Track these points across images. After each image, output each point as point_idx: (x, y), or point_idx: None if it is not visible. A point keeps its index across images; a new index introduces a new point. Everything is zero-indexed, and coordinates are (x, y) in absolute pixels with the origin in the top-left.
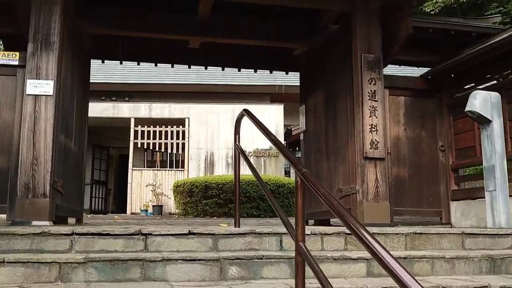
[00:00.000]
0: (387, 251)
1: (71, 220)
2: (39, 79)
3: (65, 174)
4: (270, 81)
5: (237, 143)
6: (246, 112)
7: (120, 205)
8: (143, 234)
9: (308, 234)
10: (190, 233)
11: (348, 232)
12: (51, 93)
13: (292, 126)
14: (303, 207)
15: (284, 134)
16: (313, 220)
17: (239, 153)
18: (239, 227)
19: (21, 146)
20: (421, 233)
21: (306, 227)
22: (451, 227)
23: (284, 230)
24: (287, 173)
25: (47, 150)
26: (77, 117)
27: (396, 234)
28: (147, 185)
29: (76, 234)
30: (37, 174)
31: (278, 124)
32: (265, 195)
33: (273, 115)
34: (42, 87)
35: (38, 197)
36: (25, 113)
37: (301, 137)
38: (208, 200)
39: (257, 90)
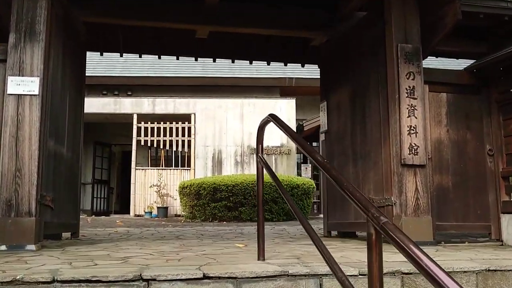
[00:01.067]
0: None
1: (66, 235)
2: (22, 75)
3: (56, 185)
4: (280, 74)
5: (259, 154)
6: (273, 117)
7: (123, 205)
8: (144, 280)
9: (355, 275)
10: (205, 276)
11: (406, 271)
12: (36, 92)
13: (304, 121)
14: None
15: (296, 129)
16: (336, 232)
17: (262, 166)
18: (263, 258)
19: (1, 156)
20: (495, 270)
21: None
22: (503, 244)
23: (324, 269)
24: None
25: (32, 160)
26: (70, 117)
27: (465, 272)
28: (151, 186)
29: (58, 281)
30: (21, 189)
31: (290, 119)
32: (278, 198)
33: (284, 110)
34: (26, 85)
35: (22, 215)
36: (6, 116)
37: (322, 137)
38: (217, 203)
39: (266, 83)
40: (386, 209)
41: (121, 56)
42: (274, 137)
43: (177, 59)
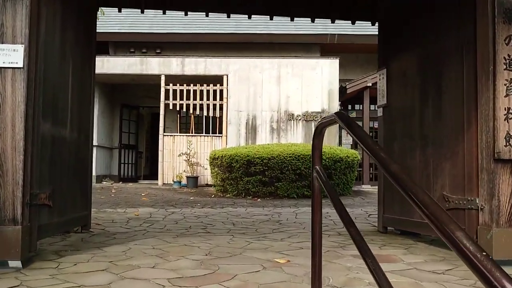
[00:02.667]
0: None
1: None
2: (1, 43)
3: (55, 177)
4: (320, 30)
5: (317, 166)
6: (340, 117)
7: (153, 169)
8: None
9: None
10: None
11: None
12: (20, 65)
13: (347, 83)
14: None
15: (339, 92)
16: (392, 228)
17: (319, 184)
18: None
19: None
20: None
21: None
22: None
23: None
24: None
25: (16, 153)
26: (75, 92)
27: None
28: (180, 155)
29: None
30: (3, 190)
31: (333, 81)
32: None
33: (326, 71)
34: (6, 55)
35: (5, 223)
36: None
37: (379, 113)
38: (250, 177)
39: (306, 40)
40: (468, 214)
41: (142, 12)
42: (314, 101)
43: (207, 15)
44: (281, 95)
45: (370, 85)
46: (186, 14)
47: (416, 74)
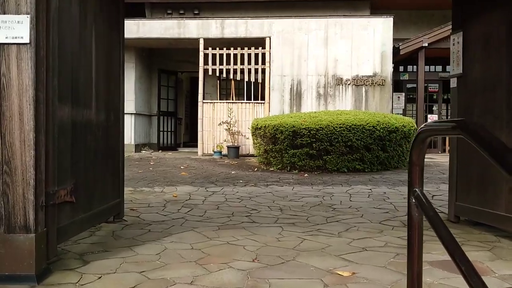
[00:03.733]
0: None
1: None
2: (3, 13)
3: (79, 166)
4: None
5: (416, 188)
6: (464, 127)
7: (193, 136)
8: None
9: None
10: None
11: None
12: (26, 40)
13: (399, 43)
14: None
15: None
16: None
17: (419, 213)
18: None
19: None
20: None
21: None
22: None
23: None
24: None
25: (26, 147)
26: (101, 63)
27: None
28: (220, 124)
29: None
30: (12, 191)
31: (386, 42)
32: (371, 144)
33: (378, 31)
34: (8, 28)
35: (16, 231)
36: None
37: (452, 83)
38: (296, 150)
39: None
40: None
41: None
42: (365, 64)
43: None
44: (329, 58)
45: (426, 45)
46: None
47: (504, 40)
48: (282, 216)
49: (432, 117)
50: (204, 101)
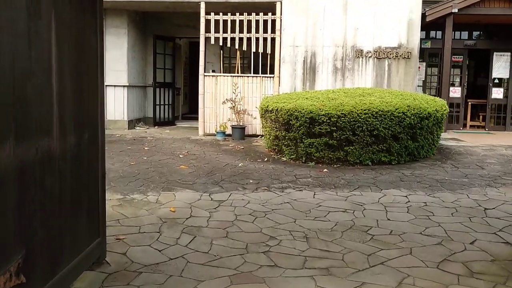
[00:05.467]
0: None
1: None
2: None
3: (35, 222)
4: None
5: None
6: None
7: (192, 106)
8: None
9: None
10: None
11: None
12: None
13: (425, 8)
14: None
15: None
16: None
17: None
18: None
19: None
20: None
21: None
22: None
23: None
24: (434, 92)
25: None
26: (66, 63)
27: None
28: (224, 102)
29: None
30: None
31: (413, 9)
32: (399, 133)
33: None
34: None
35: None
36: None
37: None
38: (314, 139)
39: None
40: None
41: None
42: (389, 33)
43: None
44: (348, 27)
45: (456, 11)
46: None
47: None
48: (310, 252)
49: (455, 90)
50: (205, 74)
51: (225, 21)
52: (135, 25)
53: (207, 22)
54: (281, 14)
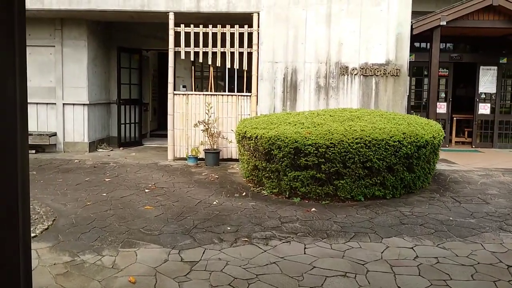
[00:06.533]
0: None
1: None
2: None
3: None
4: None
5: None
6: None
7: (162, 122)
8: None
9: None
10: None
11: None
12: None
13: (411, 21)
14: None
15: None
16: None
17: None
18: None
19: None
20: None
21: None
22: None
23: None
24: (418, 108)
25: None
26: None
27: None
28: (196, 125)
29: None
30: None
31: (403, 22)
32: (395, 164)
33: (394, 7)
34: None
35: None
36: None
37: None
38: (299, 172)
39: None
40: None
41: None
42: (376, 49)
43: None
44: (332, 41)
45: (444, 23)
46: None
47: None
48: None
49: (440, 105)
50: (175, 92)
51: (196, 34)
52: (97, 37)
53: (177, 34)
54: (258, 27)
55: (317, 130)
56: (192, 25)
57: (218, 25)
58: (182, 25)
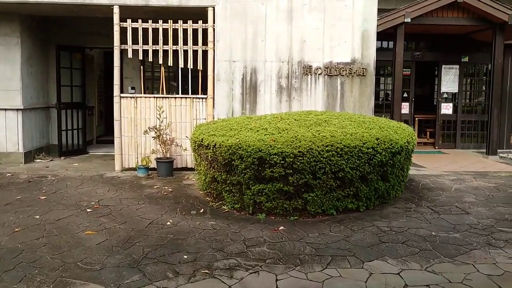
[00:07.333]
0: None
1: None
2: None
3: None
4: None
5: None
6: None
7: (109, 126)
8: None
9: None
10: None
11: None
12: None
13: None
14: None
15: None
16: None
17: None
18: None
19: None
20: None
21: None
22: None
23: None
24: (380, 108)
25: None
26: None
27: None
28: (145, 131)
29: None
30: None
31: (368, 18)
32: (369, 173)
33: (359, 3)
34: None
35: None
36: None
37: None
38: (264, 185)
39: None
40: None
41: None
42: (341, 47)
43: None
44: (294, 39)
45: (409, 20)
46: None
47: None
48: None
49: (403, 106)
50: (122, 95)
51: (145, 30)
52: (32, 33)
53: (123, 30)
54: (214, 22)
55: (282, 137)
56: (140, 20)
57: (169, 21)
58: (129, 20)
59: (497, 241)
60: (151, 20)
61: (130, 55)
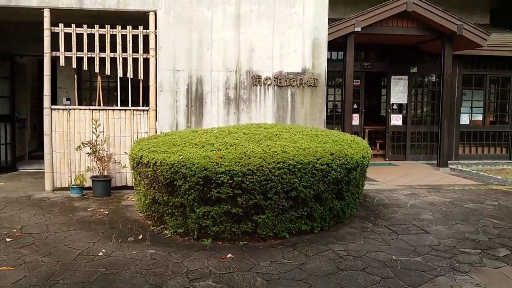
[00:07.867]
0: None
1: None
2: None
3: None
4: None
5: None
6: None
7: (42, 141)
8: None
9: None
10: None
11: None
12: None
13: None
14: None
15: None
16: None
17: None
18: None
19: None
20: None
21: None
22: None
23: None
24: (330, 119)
25: None
26: None
27: None
28: (78, 147)
29: None
30: None
31: (319, 26)
32: (323, 192)
33: (310, 10)
34: None
35: None
36: None
37: None
38: (210, 207)
39: None
40: None
41: None
42: (291, 56)
43: None
44: (242, 47)
45: (359, 29)
46: None
47: None
48: None
49: (354, 117)
50: (53, 107)
51: (80, 35)
52: None
53: (54, 36)
54: (156, 28)
55: (230, 153)
56: (74, 25)
57: (106, 26)
58: (61, 25)
59: (461, 264)
60: (86, 25)
61: (62, 63)
